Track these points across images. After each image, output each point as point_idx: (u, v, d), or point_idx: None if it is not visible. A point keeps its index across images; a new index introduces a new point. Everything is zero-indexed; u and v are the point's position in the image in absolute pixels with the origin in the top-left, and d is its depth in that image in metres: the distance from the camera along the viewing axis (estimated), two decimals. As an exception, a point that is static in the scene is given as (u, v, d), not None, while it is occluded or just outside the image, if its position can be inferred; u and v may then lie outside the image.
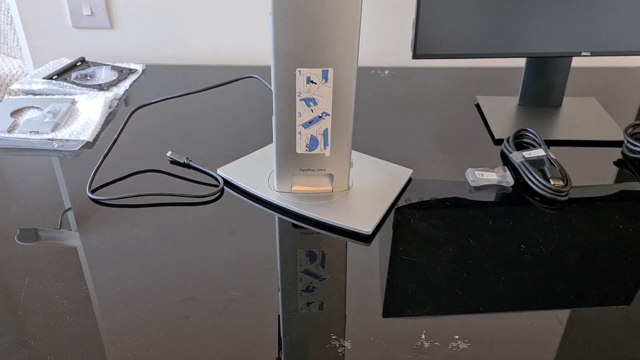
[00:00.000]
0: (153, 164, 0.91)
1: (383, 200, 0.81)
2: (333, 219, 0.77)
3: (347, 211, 0.78)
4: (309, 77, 0.72)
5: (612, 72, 1.26)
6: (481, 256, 0.72)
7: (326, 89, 0.73)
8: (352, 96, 0.73)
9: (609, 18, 0.96)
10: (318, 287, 0.67)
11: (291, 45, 0.69)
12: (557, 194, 0.82)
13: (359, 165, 0.88)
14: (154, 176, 0.88)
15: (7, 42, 1.98)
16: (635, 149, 0.93)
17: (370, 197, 0.81)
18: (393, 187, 0.84)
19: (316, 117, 0.75)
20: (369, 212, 0.78)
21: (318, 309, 0.64)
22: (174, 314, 0.64)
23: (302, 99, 0.74)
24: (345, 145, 0.78)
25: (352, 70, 0.71)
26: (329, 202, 0.80)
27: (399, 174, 0.87)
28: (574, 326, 0.63)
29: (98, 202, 0.82)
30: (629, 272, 0.70)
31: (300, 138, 0.77)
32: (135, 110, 1.04)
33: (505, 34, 0.96)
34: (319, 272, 0.69)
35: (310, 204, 0.79)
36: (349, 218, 0.77)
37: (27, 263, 0.71)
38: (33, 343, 0.60)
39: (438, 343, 0.60)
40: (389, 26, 1.28)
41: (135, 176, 0.88)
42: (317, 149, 0.77)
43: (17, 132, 0.98)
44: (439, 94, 1.16)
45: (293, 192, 0.81)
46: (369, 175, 0.86)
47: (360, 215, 0.77)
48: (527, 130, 0.95)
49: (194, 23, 1.29)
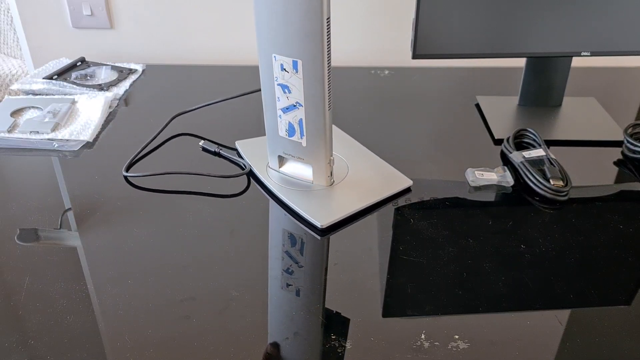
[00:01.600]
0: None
1: (360, 201, 0.80)
2: (296, 204, 0.79)
3: (314, 202, 0.79)
4: (282, 64, 0.73)
5: (612, 72, 1.26)
6: (481, 256, 0.72)
7: (297, 79, 0.74)
8: (324, 92, 0.73)
9: (609, 18, 0.96)
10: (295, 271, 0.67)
11: (268, 30, 0.71)
12: (557, 194, 0.82)
13: (361, 162, 0.89)
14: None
15: (7, 42, 1.98)
16: (635, 149, 0.93)
17: (352, 194, 0.81)
18: (381, 192, 0.83)
19: (291, 105, 0.77)
20: (336, 208, 0.78)
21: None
22: (174, 314, 0.64)
23: (279, 84, 0.76)
24: (321, 140, 0.77)
25: (321, 65, 0.71)
26: (307, 190, 0.81)
27: (396, 181, 0.85)
28: (574, 326, 0.63)
29: (130, 182, 0.83)
30: (629, 272, 0.70)
31: (281, 122, 0.79)
32: (175, 117, 1.04)
33: (505, 34, 0.96)
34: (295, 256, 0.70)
35: (290, 189, 0.82)
36: (310, 208, 0.78)
37: (27, 263, 0.71)
38: (33, 343, 0.60)
39: (438, 343, 0.60)
40: (389, 26, 1.28)
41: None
42: (294, 136, 0.79)
43: (17, 132, 0.98)
44: (439, 94, 1.16)
45: (280, 172, 0.85)
46: (366, 174, 0.86)
47: (323, 209, 0.78)
48: (527, 130, 0.95)
49: (194, 23, 1.29)
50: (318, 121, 0.76)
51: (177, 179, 0.87)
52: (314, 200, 0.80)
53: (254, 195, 0.83)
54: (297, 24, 0.69)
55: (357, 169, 0.87)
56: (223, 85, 1.17)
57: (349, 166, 0.87)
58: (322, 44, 0.69)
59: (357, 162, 0.89)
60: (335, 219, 0.77)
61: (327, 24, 0.68)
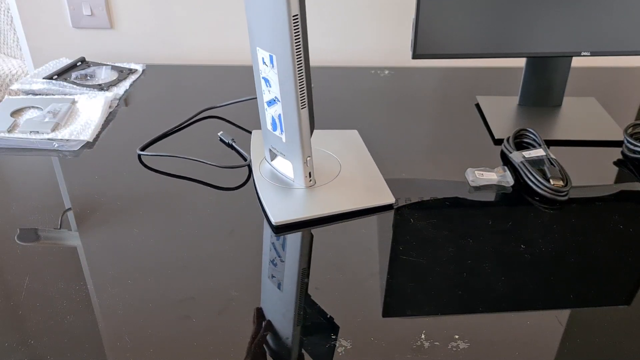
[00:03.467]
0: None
1: (325, 208, 0.79)
2: (264, 198, 0.80)
3: (282, 199, 0.80)
4: (263, 57, 0.74)
5: (612, 72, 1.26)
6: (481, 256, 0.72)
7: (274, 74, 0.74)
8: (295, 90, 0.72)
9: (609, 18, 0.96)
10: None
11: (252, 23, 0.72)
12: (557, 194, 0.82)
13: (355, 168, 0.87)
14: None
15: (7, 42, 1.98)
16: (635, 149, 0.93)
17: (324, 198, 0.80)
18: (356, 202, 0.80)
19: (272, 99, 0.77)
20: (296, 207, 0.79)
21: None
22: (174, 314, 0.64)
23: (262, 77, 0.76)
24: (296, 138, 0.77)
25: (290, 62, 0.70)
26: (285, 187, 0.82)
27: (378, 195, 0.82)
28: (574, 326, 0.63)
29: (143, 163, 0.88)
30: (629, 272, 0.70)
31: (267, 114, 0.80)
32: (204, 110, 1.07)
33: (505, 34, 0.96)
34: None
35: (271, 184, 0.83)
36: (271, 204, 0.79)
37: (27, 263, 0.71)
38: (33, 343, 0.60)
39: (438, 343, 0.60)
40: (388, 26, 1.28)
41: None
42: (277, 131, 0.79)
43: (17, 132, 0.98)
44: (439, 94, 1.16)
45: (272, 166, 0.86)
46: (352, 182, 0.84)
47: (284, 207, 0.79)
48: (527, 130, 0.95)
49: (194, 23, 1.29)
50: (293, 119, 0.75)
51: (182, 171, 0.87)
52: (284, 197, 0.80)
53: (251, 189, 0.83)
54: (269, 19, 0.69)
55: (346, 175, 0.85)
56: (223, 85, 1.17)
57: (340, 170, 0.87)
58: (290, 41, 0.68)
59: (351, 168, 0.87)
60: (289, 219, 0.77)
61: (294, 21, 0.67)
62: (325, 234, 0.76)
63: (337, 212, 0.79)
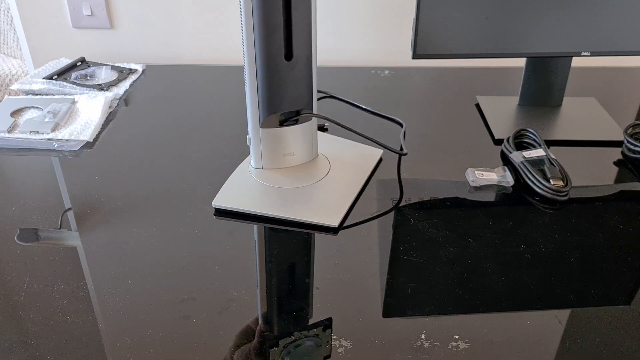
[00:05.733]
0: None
1: (272, 209, 0.78)
2: (227, 180, 0.84)
3: (237, 184, 0.83)
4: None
5: (612, 72, 1.26)
6: (481, 256, 0.72)
7: None
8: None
9: (609, 18, 0.96)
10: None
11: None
12: (557, 194, 0.82)
13: (337, 180, 0.85)
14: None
15: (7, 42, 1.98)
16: (635, 149, 0.93)
17: (280, 200, 0.80)
18: (297, 214, 0.78)
19: None
20: (244, 198, 0.80)
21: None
22: (174, 314, 0.64)
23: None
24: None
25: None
26: (253, 178, 0.85)
27: (326, 215, 0.78)
28: (574, 326, 0.63)
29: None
30: (629, 272, 0.70)
31: None
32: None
33: (505, 34, 0.96)
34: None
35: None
36: (227, 187, 0.82)
37: (27, 263, 0.71)
38: (33, 343, 0.60)
39: (438, 343, 0.60)
40: (389, 26, 1.29)
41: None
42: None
43: (17, 132, 0.98)
44: (439, 94, 1.16)
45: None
46: (321, 193, 0.82)
47: (234, 193, 0.81)
48: (527, 130, 0.95)
49: (194, 23, 1.29)
50: (250, 97, 0.79)
51: (182, 171, 0.87)
52: (244, 185, 0.83)
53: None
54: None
55: (323, 184, 0.84)
56: (223, 85, 1.17)
57: (323, 178, 0.85)
58: (251, 39, 0.74)
59: (333, 182, 0.84)
60: (228, 206, 0.80)
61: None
62: (325, 233, 0.76)
63: (277, 217, 0.78)
